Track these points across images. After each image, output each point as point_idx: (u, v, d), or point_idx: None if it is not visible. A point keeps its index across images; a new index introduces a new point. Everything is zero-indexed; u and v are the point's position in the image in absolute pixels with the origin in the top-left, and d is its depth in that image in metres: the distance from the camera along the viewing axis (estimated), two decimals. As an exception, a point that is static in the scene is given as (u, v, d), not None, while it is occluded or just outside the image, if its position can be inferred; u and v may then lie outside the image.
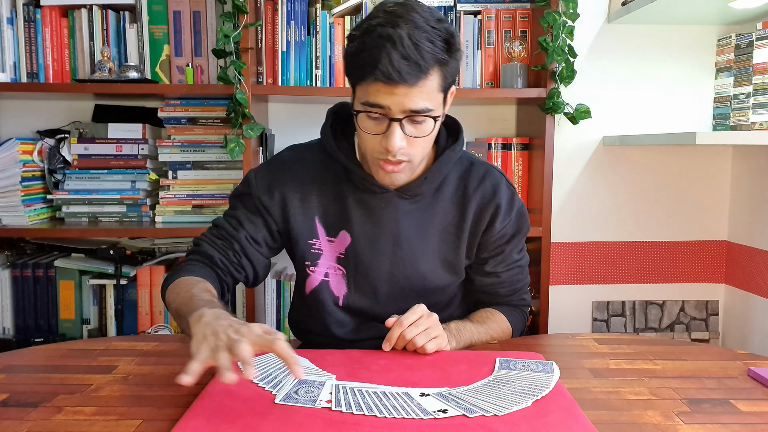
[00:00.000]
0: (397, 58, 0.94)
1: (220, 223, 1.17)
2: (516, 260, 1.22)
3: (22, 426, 0.78)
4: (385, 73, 0.95)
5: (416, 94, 0.97)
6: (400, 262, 1.14)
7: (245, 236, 1.14)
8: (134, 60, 1.86)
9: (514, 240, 1.20)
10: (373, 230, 1.14)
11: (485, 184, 1.16)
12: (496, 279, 1.21)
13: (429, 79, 0.98)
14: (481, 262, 1.20)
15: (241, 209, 1.16)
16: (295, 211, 1.14)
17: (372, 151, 1.05)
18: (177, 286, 1.03)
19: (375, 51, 0.95)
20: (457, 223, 1.16)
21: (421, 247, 1.15)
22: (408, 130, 1.01)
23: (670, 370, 0.99)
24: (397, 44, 0.94)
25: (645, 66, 2.02)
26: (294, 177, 1.16)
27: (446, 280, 1.18)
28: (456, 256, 1.17)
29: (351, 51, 1.01)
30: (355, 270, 1.15)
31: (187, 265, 1.10)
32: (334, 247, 1.15)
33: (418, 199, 1.14)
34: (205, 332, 0.80)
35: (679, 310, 2.10)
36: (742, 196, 2.01)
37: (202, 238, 1.16)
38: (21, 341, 1.84)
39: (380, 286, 1.15)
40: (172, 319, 1.89)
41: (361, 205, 1.14)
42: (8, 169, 1.80)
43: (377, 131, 1.02)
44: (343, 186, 1.15)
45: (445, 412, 0.80)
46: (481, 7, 1.90)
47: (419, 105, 0.98)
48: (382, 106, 0.99)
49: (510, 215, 1.17)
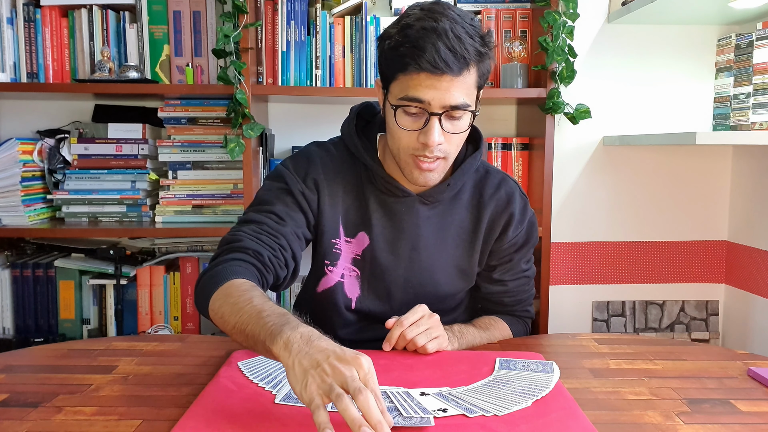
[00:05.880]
0: (443, 49, 0.94)
1: (257, 219, 1.06)
2: (523, 270, 1.22)
3: (22, 426, 0.78)
4: (432, 62, 0.94)
5: (457, 88, 0.97)
6: (416, 268, 1.14)
7: (292, 231, 1.07)
8: (134, 60, 1.86)
9: (523, 249, 1.20)
10: (392, 234, 1.13)
11: (500, 193, 1.16)
12: (502, 287, 1.21)
13: (470, 72, 0.99)
14: (489, 270, 1.20)
15: (279, 205, 1.08)
16: (325, 207, 1.12)
17: (407, 149, 1.03)
18: (228, 295, 0.89)
19: (420, 41, 0.95)
20: (472, 229, 1.16)
21: (438, 254, 1.14)
22: (446, 126, 1.00)
23: (670, 370, 0.99)
24: (442, 36, 0.95)
25: (645, 66, 2.02)
26: (325, 171, 1.12)
27: (458, 288, 1.18)
28: (469, 263, 1.17)
29: (391, 45, 0.99)
30: (370, 273, 1.14)
31: (230, 265, 0.97)
32: (352, 247, 1.14)
33: (437, 205, 1.14)
34: (303, 364, 0.72)
35: (679, 310, 2.10)
36: (742, 196, 2.01)
37: (239, 235, 1.03)
38: (21, 341, 1.84)
39: (395, 290, 1.14)
40: (172, 319, 1.89)
41: (382, 207, 1.13)
42: (8, 169, 1.80)
43: (414, 127, 1.01)
44: (366, 187, 1.13)
45: (445, 411, 0.80)
46: (481, 7, 1.90)
47: (459, 100, 0.98)
48: (422, 100, 0.98)
49: (522, 224, 1.18)
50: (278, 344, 0.75)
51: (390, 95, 1.03)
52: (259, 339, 0.79)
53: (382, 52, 1.03)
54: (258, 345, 0.80)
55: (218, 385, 0.87)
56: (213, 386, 0.87)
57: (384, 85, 1.05)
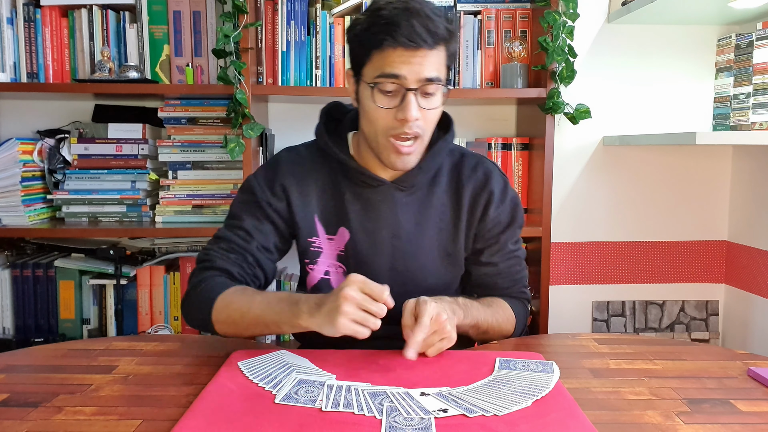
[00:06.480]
0: (417, 25, 1.00)
1: (226, 236, 1.14)
2: (512, 250, 1.22)
3: (22, 426, 0.78)
4: (408, 36, 0.99)
5: (432, 62, 1.02)
6: (400, 256, 1.15)
7: (257, 246, 1.13)
8: (134, 60, 1.86)
9: (509, 230, 1.20)
10: (371, 225, 1.14)
11: (477, 173, 1.18)
12: (493, 269, 1.21)
13: (441, 49, 1.04)
14: (477, 253, 1.20)
15: (247, 219, 1.14)
16: (297, 208, 1.15)
17: (385, 130, 1.06)
18: (230, 302, 1.03)
19: (395, 18, 1.00)
20: (453, 212, 1.17)
21: (420, 239, 1.15)
22: (421, 103, 1.04)
23: (670, 370, 0.99)
24: (414, 14, 1.00)
25: (645, 66, 2.02)
26: (293, 174, 1.16)
27: (447, 273, 1.18)
28: (455, 246, 1.17)
29: (364, 27, 1.04)
30: (355, 266, 1.15)
31: (211, 283, 1.08)
32: (334, 245, 1.16)
33: (414, 191, 1.15)
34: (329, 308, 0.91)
35: (679, 310, 2.10)
36: (742, 196, 2.01)
37: (211, 254, 1.13)
38: (21, 341, 1.84)
39: (381, 280, 1.14)
40: (172, 319, 1.89)
41: (358, 200, 1.15)
42: (8, 169, 1.80)
43: (392, 105, 1.04)
44: (340, 182, 1.16)
45: (445, 411, 0.80)
46: (481, 7, 1.90)
47: (433, 73, 1.02)
48: (398, 75, 1.02)
49: (504, 202, 1.18)
50: (302, 316, 0.95)
51: (364, 78, 1.07)
52: (280, 322, 0.98)
53: (353, 37, 1.08)
54: (284, 326, 0.99)
55: (218, 385, 0.87)
56: (213, 386, 0.87)
57: (356, 72, 1.10)
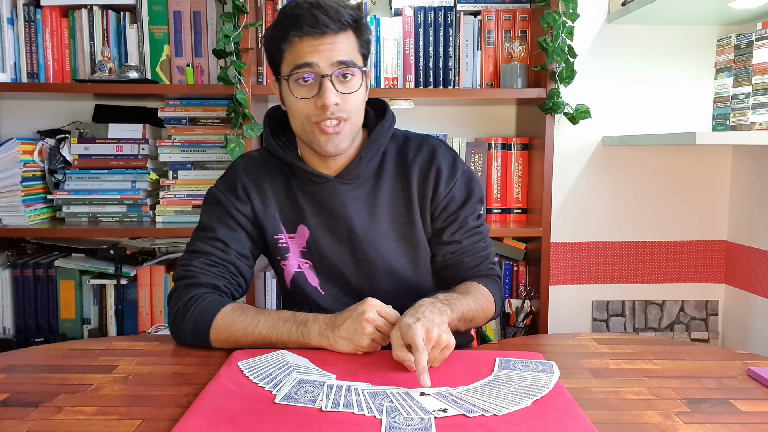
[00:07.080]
0: (319, 13, 1.03)
1: (204, 249, 1.12)
2: (474, 226, 1.20)
3: (22, 426, 0.78)
4: (310, 24, 1.03)
5: (341, 47, 1.05)
6: (360, 248, 1.16)
7: (236, 255, 1.14)
8: (134, 60, 1.86)
9: (467, 205, 1.19)
10: (327, 221, 1.16)
11: (422, 153, 1.18)
12: (457, 246, 1.19)
13: (349, 34, 1.07)
14: (438, 233, 1.19)
15: (221, 229, 1.14)
16: (259, 210, 1.17)
17: (308, 118, 1.08)
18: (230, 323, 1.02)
19: (296, 11, 1.05)
20: (404, 197, 1.17)
21: (376, 229, 1.16)
22: (339, 88, 1.06)
23: (670, 370, 0.99)
24: (316, 6, 1.04)
25: (645, 66, 2.02)
26: (250, 177, 1.18)
27: (411, 259, 1.18)
28: (412, 230, 1.17)
29: (271, 27, 1.09)
30: (320, 262, 1.17)
31: (203, 301, 1.06)
32: (296, 242, 1.18)
33: (361, 183, 1.16)
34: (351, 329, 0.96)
35: (678, 310, 2.10)
36: (742, 196, 2.01)
37: (193, 270, 1.10)
38: (21, 341, 1.84)
39: (348, 272, 1.17)
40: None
41: (310, 198, 1.16)
42: (8, 169, 1.80)
43: (310, 94, 1.06)
44: (292, 182, 1.17)
45: (445, 411, 0.80)
46: (481, 8, 1.90)
47: (344, 56, 1.05)
48: (310, 63, 1.04)
49: (454, 177, 1.17)
50: (313, 337, 0.99)
51: (282, 75, 1.09)
52: (292, 341, 1.00)
53: (266, 41, 1.11)
54: (291, 345, 1.01)
55: (218, 385, 0.87)
56: (213, 386, 0.87)
57: (275, 73, 1.12)
